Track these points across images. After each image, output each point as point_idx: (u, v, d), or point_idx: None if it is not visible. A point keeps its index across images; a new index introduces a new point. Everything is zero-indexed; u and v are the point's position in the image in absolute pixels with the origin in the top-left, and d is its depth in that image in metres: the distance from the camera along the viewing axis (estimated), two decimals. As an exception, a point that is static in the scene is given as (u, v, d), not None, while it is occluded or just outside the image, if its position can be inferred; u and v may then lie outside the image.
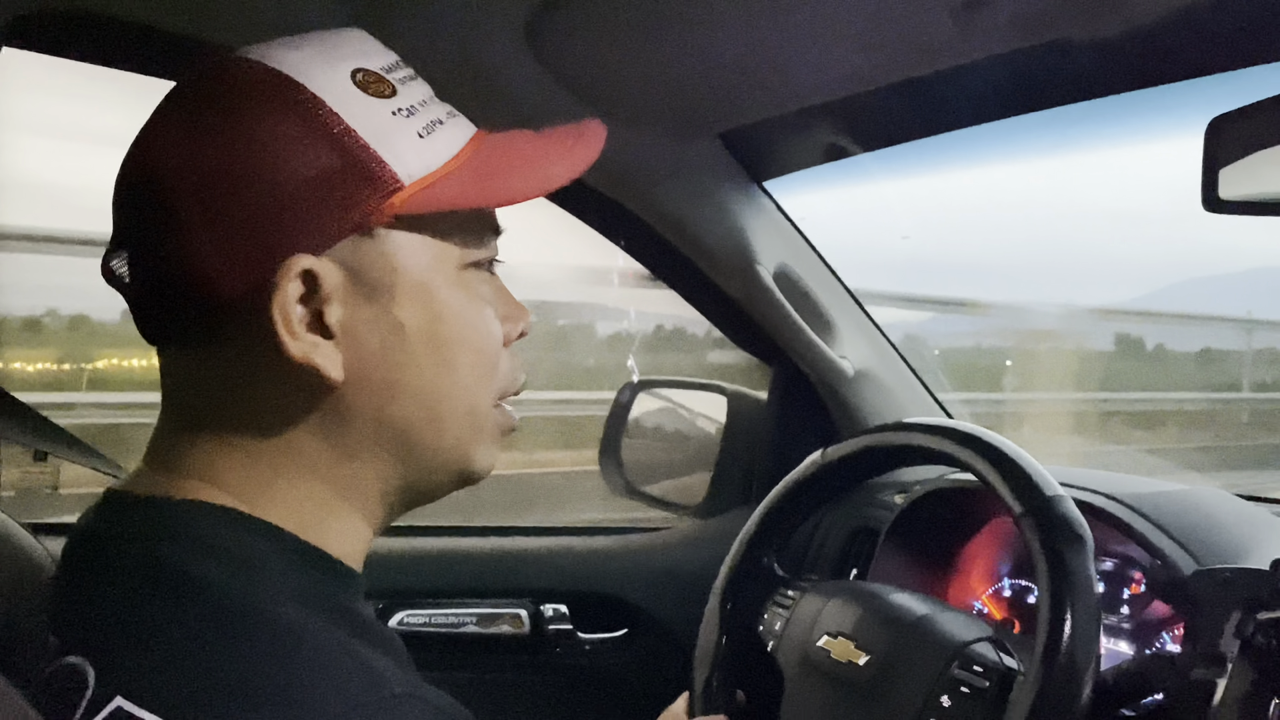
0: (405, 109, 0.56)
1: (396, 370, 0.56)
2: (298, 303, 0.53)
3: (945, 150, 1.18)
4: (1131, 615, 1.07)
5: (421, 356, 0.57)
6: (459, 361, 0.58)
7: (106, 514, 0.56)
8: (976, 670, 0.83)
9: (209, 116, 0.54)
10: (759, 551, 1.04)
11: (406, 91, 0.57)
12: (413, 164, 0.55)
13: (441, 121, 0.57)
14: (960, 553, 1.23)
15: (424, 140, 0.56)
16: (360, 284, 0.55)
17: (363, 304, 0.55)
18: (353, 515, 0.59)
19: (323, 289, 0.53)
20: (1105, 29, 0.80)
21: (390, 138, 0.54)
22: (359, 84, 0.55)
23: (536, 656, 1.41)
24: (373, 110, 0.54)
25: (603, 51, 1.02)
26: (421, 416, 0.58)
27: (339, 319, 0.54)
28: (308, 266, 0.53)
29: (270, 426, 0.56)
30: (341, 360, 0.55)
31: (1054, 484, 0.83)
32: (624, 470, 1.63)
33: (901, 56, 0.93)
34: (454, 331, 0.58)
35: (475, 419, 0.60)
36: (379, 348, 0.56)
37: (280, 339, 0.53)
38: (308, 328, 0.54)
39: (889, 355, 1.49)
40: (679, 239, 1.37)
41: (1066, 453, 6.40)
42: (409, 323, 0.56)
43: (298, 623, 0.50)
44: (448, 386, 0.58)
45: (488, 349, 0.60)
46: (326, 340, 0.54)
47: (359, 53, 0.57)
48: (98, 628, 0.51)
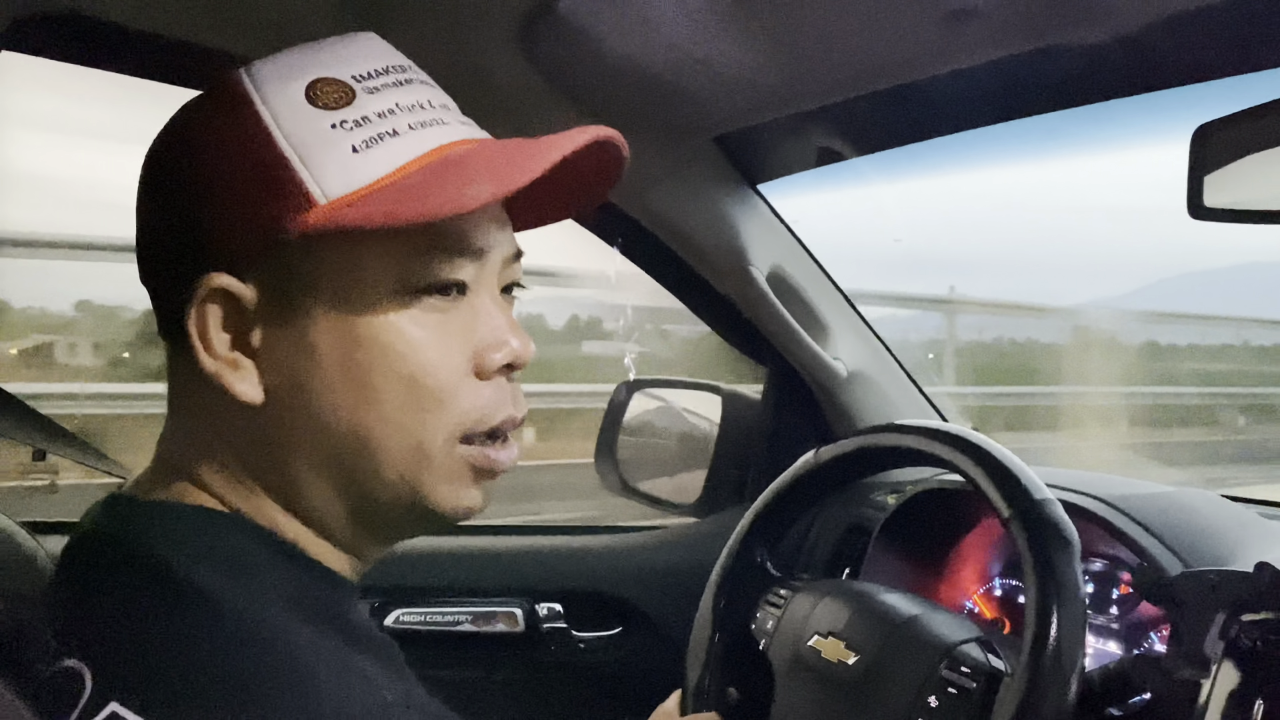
0: (352, 121, 0.53)
1: (311, 397, 0.54)
2: (223, 321, 0.53)
3: (938, 153, 1.19)
4: (1119, 615, 1.08)
5: (337, 385, 0.54)
6: (384, 394, 0.54)
7: (108, 517, 0.57)
8: (964, 671, 0.84)
9: (171, 133, 0.56)
10: (752, 550, 1.05)
11: (370, 100, 0.54)
12: (334, 180, 0.52)
13: (395, 133, 0.54)
14: (952, 552, 1.24)
15: (358, 155, 0.53)
16: (279, 304, 0.53)
17: (282, 325, 0.54)
18: (321, 539, 0.58)
19: (243, 307, 0.53)
20: (1093, 36, 0.81)
21: (316, 152, 0.52)
22: (311, 95, 0.53)
23: (531, 654, 1.42)
24: (310, 122, 0.53)
25: (597, 56, 1.03)
26: (349, 447, 0.55)
27: (259, 339, 0.54)
28: (222, 285, 0.53)
29: (223, 438, 0.56)
30: (259, 381, 0.54)
31: (1042, 487, 0.84)
32: (619, 468, 1.64)
33: (893, 63, 0.94)
34: (376, 360, 0.54)
35: (423, 456, 0.56)
36: (294, 372, 0.54)
37: (195, 354, 0.53)
38: (231, 345, 0.54)
39: (882, 356, 1.50)
40: (674, 241, 1.37)
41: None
42: (323, 348, 0.53)
43: (292, 632, 0.51)
44: (371, 420, 0.54)
45: (427, 381, 0.55)
46: (249, 359, 0.54)
47: (341, 60, 0.55)
48: (96, 632, 0.51)
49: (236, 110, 0.53)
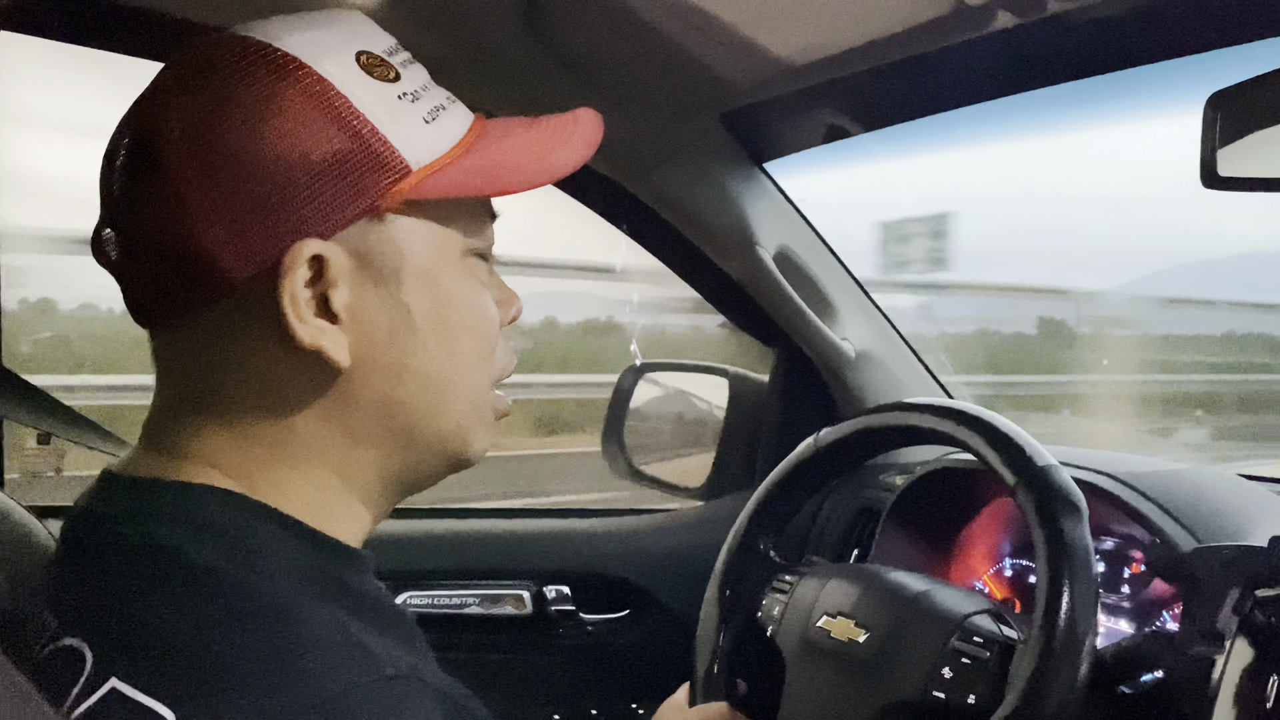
0: (410, 94, 0.56)
1: (403, 354, 0.56)
2: (305, 287, 0.53)
3: (947, 130, 1.18)
4: (1132, 594, 1.07)
5: (428, 340, 0.57)
6: (463, 346, 0.59)
7: (104, 495, 0.56)
8: (976, 641, 0.83)
9: (214, 94, 0.52)
10: (755, 538, 1.04)
11: (409, 76, 0.56)
12: (421, 150, 0.54)
13: (444, 107, 0.57)
14: (962, 533, 1.23)
15: (430, 125, 0.55)
16: (368, 268, 0.55)
17: (370, 288, 0.55)
18: (353, 500, 0.58)
19: (330, 273, 0.53)
20: (1102, 5, 0.80)
21: (398, 122, 0.54)
22: (364, 67, 0.54)
23: (539, 637, 1.42)
24: (380, 94, 0.54)
25: (602, 33, 1.02)
26: (426, 401, 0.58)
27: (346, 303, 0.54)
28: (317, 251, 0.52)
29: (273, 410, 0.55)
30: (348, 344, 0.54)
31: (1046, 454, 0.84)
32: (626, 453, 1.64)
33: (900, 35, 0.92)
34: (459, 316, 0.58)
35: (476, 403, 0.61)
36: (386, 332, 0.56)
37: (289, 324, 0.52)
38: (315, 312, 0.53)
39: (891, 337, 1.49)
40: (680, 221, 1.37)
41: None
42: (416, 307, 0.56)
43: (293, 604, 0.50)
44: (452, 371, 0.58)
45: (489, 333, 0.60)
46: (333, 324, 0.54)
47: (360, 35, 0.56)
48: (95, 609, 0.51)
49: (302, 81, 0.52)
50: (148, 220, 0.53)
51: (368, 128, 0.53)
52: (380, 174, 0.53)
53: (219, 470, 0.55)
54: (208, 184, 0.51)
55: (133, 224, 0.54)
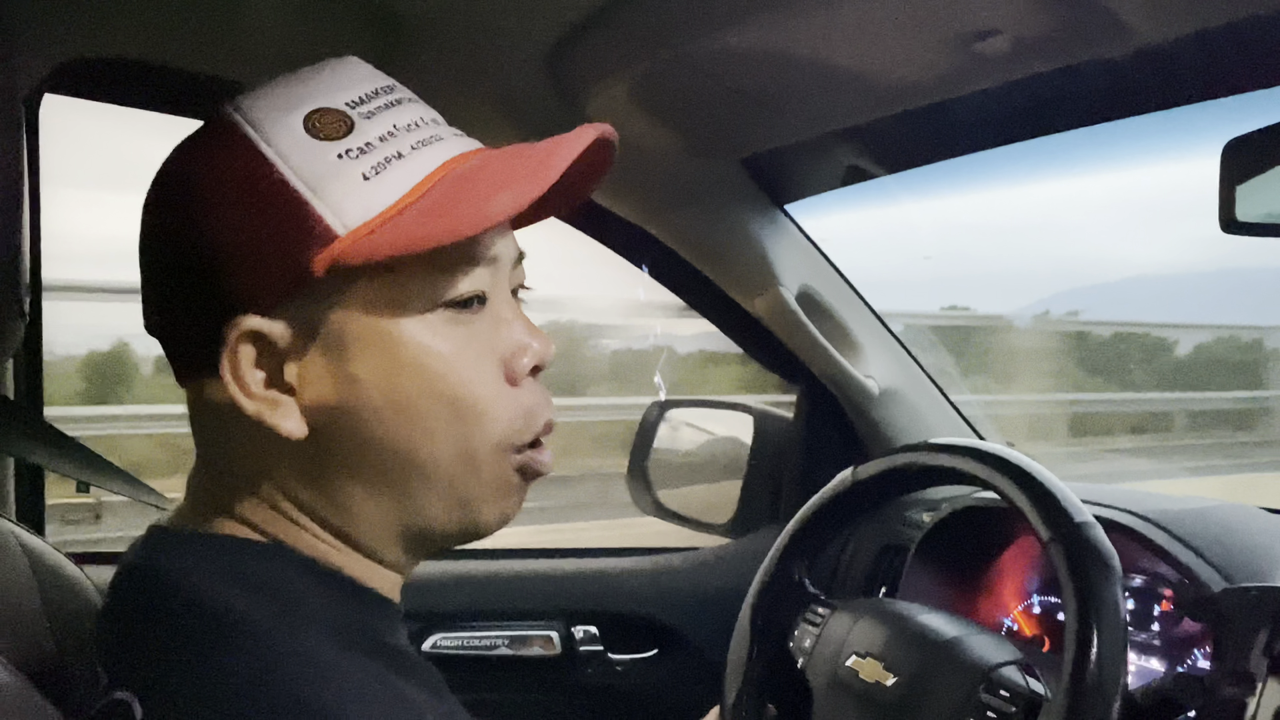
0: (356, 149, 0.53)
1: (362, 426, 0.54)
2: (256, 360, 0.53)
3: (966, 171, 1.19)
4: (1162, 632, 1.07)
5: (384, 410, 0.54)
6: (429, 415, 0.55)
7: (152, 549, 0.58)
8: (1003, 695, 0.83)
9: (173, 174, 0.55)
10: (790, 566, 1.05)
11: (368, 126, 0.54)
12: (350, 212, 0.52)
13: (400, 155, 0.54)
14: (989, 570, 1.23)
15: (369, 182, 0.53)
16: (313, 339, 0.53)
17: (318, 359, 0.54)
18: (366, 559, 0.58)
19: (275, 346, 0.53)
20: (1115, 53, 0.81)
21: (329, 185, 0.52)
22: (310, 128, 0.53)
23: (568, 677, 1.42)
24: (315, 156, 0.52)
25: (625, 82, 1.04)
26: (400, 468, 0.55)
27: (296, 375, 0.54)
28: (253, 327, 0.52)
29: (264, 472, 0.56)
30: (301, 416, 0.54)
31: (1082, 510, 0.83)
32: (652, 489, 1.64)
33: (916, 84, 0.94)
34: (417, 384, 0.54)
35: (471, 468, 0.56)
36: (337, 404, 0.54)
37: (235, 398, 0.53)
38: (266, 384, 0.53)
39: (915, 374, 1.49)
40: (702, 262, 1.38)
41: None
42: (365, 377, 0.54)
43: (338, 659, 0.51)
44: (420, 440, 0.55)
45: (467, 395, 0.55)
46: (287, 396, 0.54)
47: (331, 88, 0.55)
48: (144, 664, 0.52)
49: (238, 150, 0.53)
50: (144, 289, 0.56)
51: (291, 196, 0.51)
52: (306, 243, 0.51)
53: (246, 524, 0.57)
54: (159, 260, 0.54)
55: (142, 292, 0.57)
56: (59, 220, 1.08)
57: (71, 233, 2.50)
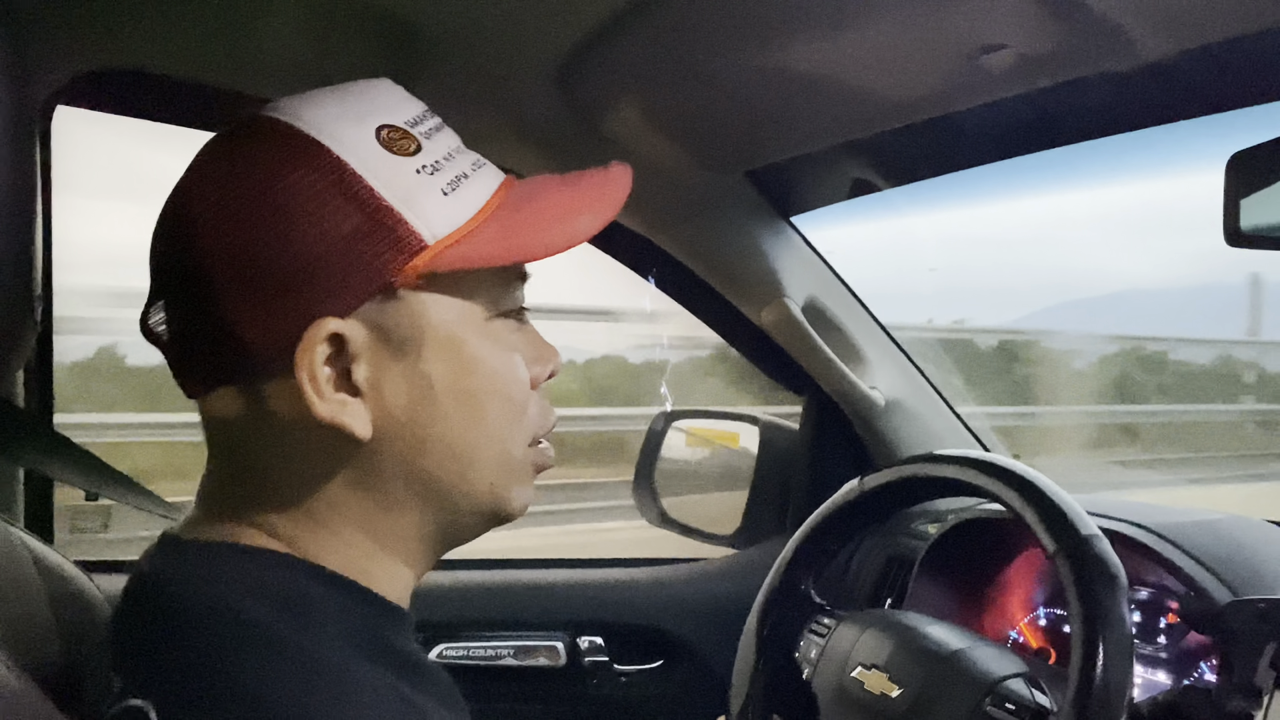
0: (429, 165, 0.56)
1: (426, 424, 0.57)
2: (325, 362, 0.54)
3: (960, 186, 1.20)
4: (1169, 645, 1.06)
5: (450, 410, 0.57)
6: (488, 411, 0.59)
7: (165, 558, 0.58)
8: (1009, 708, 0.83)
9: (236, 180, 0.55)
10: (797, 576, 1.05)
11: (432, 146, 0.57)
12: (437, 223, 0.55)
13: (467, 175, 0.58)
14: (995, 581, 1.23)
15: (448, 197, 0.56)
16: (387, 342, 0.55)
17: (390, 361, 0.56)
18: (394, 561, 0.59)
19: (350, 348, 0.54)
20: (1120, 67, 0.82)
21: (414, 197, 0.54)
22: (383, 142, 0.55)
23: (573, 688, 1.42)
24: (397, 170, 0.55)
25: (633, 96, 1.04)
26: (454, 467, 0.58)
27: (366, 377, 0.55)
28: (334, 329, 0.53)
29: (306, 479, 0.57)
30: (370, 417, 0.55)
31: (1089, 523, 0.84)
32: (658, 499, 1.64)
33: (921, 98, 0.95)
34: (482, 383, 0.58)
35: (508, 464, 0.61)
36: (407, 403, 0.56)
37: (308, 399, 0.53)
38: (335, 386, 0.54)
39: (920, 385, 1.49)
40: (709, 274, 1.39)
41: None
42: (437, 378, 0.57)
43: (350, 666, 0.52)
44: (477, 436, 0.59)
45: (516, 396, 0.60)
46: (354, 397, 0.55)
47: (385, 107, 0.57)
48: (159, 671, 0.52)
49: (320, 161, 0.54)
50: (183, 299, 0.56)
51: (382, 206, 0.53)
52: (396, 251, 0.54)
53: (267, 533, 0.57)
54: (231, 266, 0.54)
55: (172, 301, 0.56)
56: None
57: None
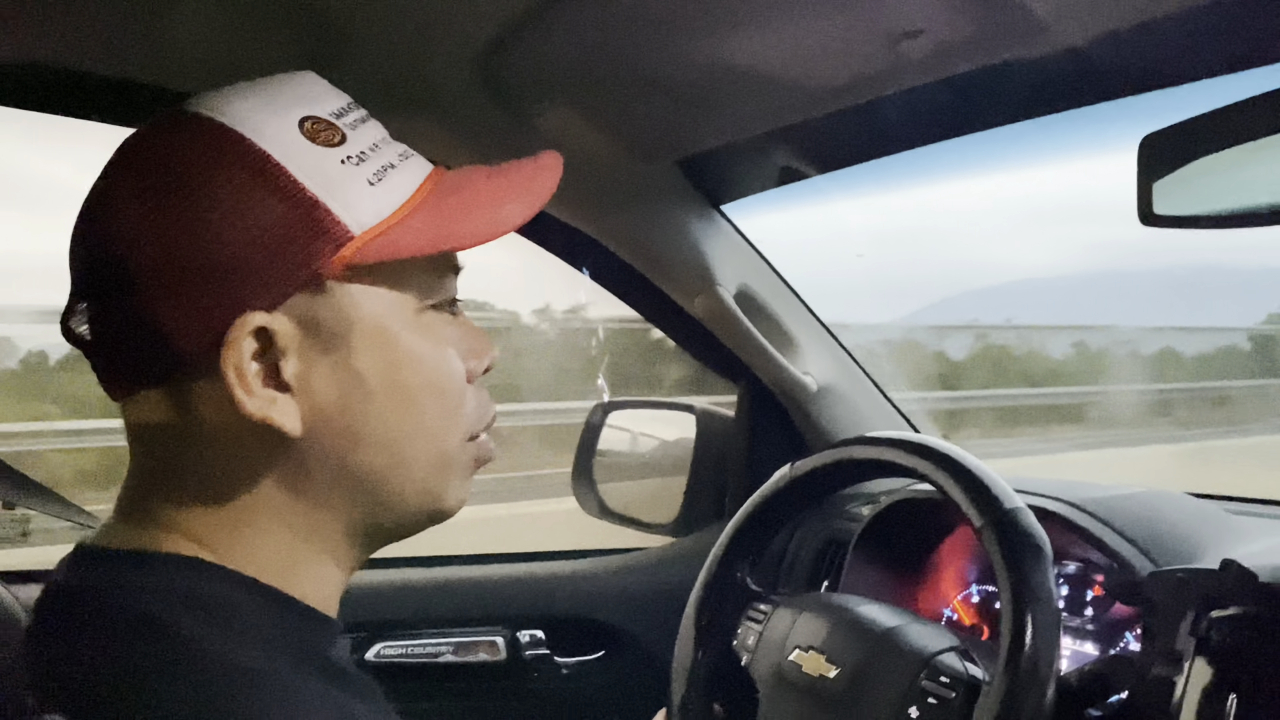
0: (355, 156, 0.55)
1: (357, 420, 0.56)
2: (253, 358, 0.53)
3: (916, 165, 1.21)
4: (1095, 617, 1.09)
5: (382, 405, 0.56)
6: (422, 406, 0.58)
7: (81, 568, 0.56)
8: (943, 681, 0.85)
9: (157, 176, 0.53)
10: (732, 566, 1.06)
11: (357, 137, 0.56)
12: (364, 213, 0.54)
13: (394, 165, 0.57)
14: (929, 560, 1.25)
15: (374, 187, 0.55)
16: (316, 336, 0.54)
17: (319, 356, 0.55)
18: (323, 561, 0.58)
19: (278, 343, 0.53)
20: (1038, 51, 0.83)
21: (339, 188, 0.54)
22: (307, 133, 0.54)
23: (514, 683, 1.42)
24: (321, 160, 0.54)
25: (559, 84, 1.04)
26: (386, 463, 0.57)
27: (296, 372, 0.54)
28: (261, 324, 0.52)
29: (234, 478, 0.56)
30: (299, 413, 0.54)
31: (1013, 496, 0.86)
32: (597, 490, 1.64)
33: (847, 84, 0.95)
34: (415, 377, 0.57)
35: (443, 459, 0.60)
36: (338, 398, 0.55)
37: (235, 397, 0.52)
38: (264, 382, 0.53)
39: (852, 370, 1.51)
40: (641, 263, 1.39)
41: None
42: (367, 372, 0.56)
43: (276, 676, 0.51)
44: (411, 431, 0.58)
45: (450, 390, 0.59)
46: (284, 393, 0.54)
47: (308, 99, 0.56)
48: (79, 686, 0.50)
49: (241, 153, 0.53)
50: (106, 299, 0.54)
51: (307, 197, 0.53)
52: (321, 242, 0.53)
53: (189, 539, 0.55)
54: (154, 262, 0.52)
55: (94, 302, 0.55)
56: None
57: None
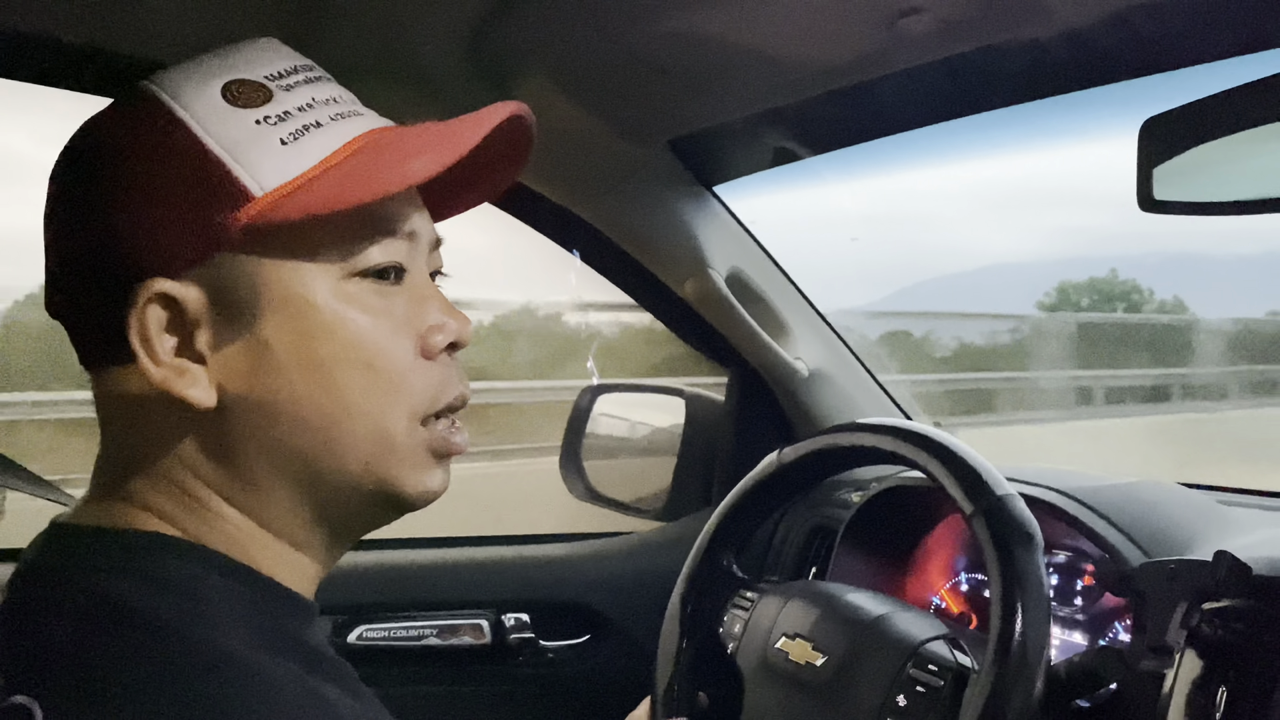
0: (275, 116, 0.54)
1: (270, 393, 0.54)
2: (166, 327, 0.52)
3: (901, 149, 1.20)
4: (1084, 607, 1.09)
5: (295, 378, 0.54)
6: (343, 381, 0.54)
7: (52, 547, 0.55)
8: (931, 669, 0.84)
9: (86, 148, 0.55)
10: (718, 554, 1.05)
11: (287, 97, 0.55)
12: (267, 174, 0.52)
13: (319, 124, 0.55)
14: (917, 549, 1.24)
15: (286, 147, 0.53)
16: (224, 304, 0.53)
17: (229, 325, 0.53)
18: (283, 546, 0.57)
19: (188, 313, 0.52)
20: (1037, 33, 0.82)
21: (246, 149, 0.52)
22: (228, 96, 0.53)
23: (499, 667, 1.41)
24: (233, 121, 0.53)
25: (550, 63, 1.02)
26: (312, 441, 0.55)
27: (207, 341, 0.53)
28: (163, 290, 0.52)
29: (174, 453, 0.55)
30: (212, 385, 0.53)
31: (1004, 483, 0.85)
32: (585, 474, 1.63)
33: (843, 64, 0.94)
34: (331, 349, 0.54)
35: (384, 443, 0.56)
36: (248, 371, 0.53)
37: (140, 364, 0.52)
38: (176, 352, 0.53)
39: (843, 355, 1.50)
40: (631, 245, 1.37)
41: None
42: (277, 343, 0.53)
43: (248, 658, 0.50)
44: (333, 410, 0.54)
45: (383, 365, 0.55)
46: (197, 365, 0.53)
47: (249, 63, 0.56)
48: (45, 666, 0.50)
49: (156, 118, 0.53)
50: (51, 275, 0.55)
51: (207, 157, 0.52)
52: (221, 204, 0.51)
53: (155, 515, 0.54)
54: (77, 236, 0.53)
55: (46, 278, 0.56)
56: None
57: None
